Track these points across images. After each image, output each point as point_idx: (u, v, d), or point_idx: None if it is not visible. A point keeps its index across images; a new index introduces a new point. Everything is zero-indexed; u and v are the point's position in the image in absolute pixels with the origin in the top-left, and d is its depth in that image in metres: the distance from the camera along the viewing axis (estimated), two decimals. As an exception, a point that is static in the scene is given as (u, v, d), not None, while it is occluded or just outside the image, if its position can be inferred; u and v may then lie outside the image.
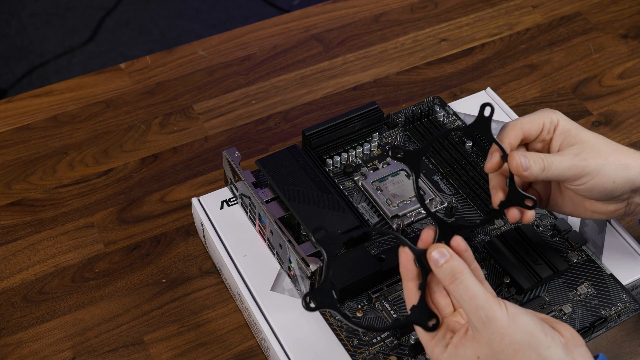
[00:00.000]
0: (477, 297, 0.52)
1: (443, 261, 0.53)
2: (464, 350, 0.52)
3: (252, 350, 0.69)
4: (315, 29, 0.99)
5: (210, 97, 0.91)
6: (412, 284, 0.55)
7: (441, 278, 0.54)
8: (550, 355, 0.51)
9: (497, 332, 0.51)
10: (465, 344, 0.53)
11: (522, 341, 0.51)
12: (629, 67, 0.95)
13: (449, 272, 0.53)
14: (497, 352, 0.51)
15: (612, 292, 0.66)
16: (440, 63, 0.95)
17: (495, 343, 0.51)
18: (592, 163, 0.59)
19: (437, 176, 0.74)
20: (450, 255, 0.54)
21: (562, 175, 0.59)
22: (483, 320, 0.51)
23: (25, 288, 0.73)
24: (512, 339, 0.51)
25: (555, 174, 0.59)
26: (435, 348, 0.54)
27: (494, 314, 0.51)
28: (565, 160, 0.59)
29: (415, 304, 0.55)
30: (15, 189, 0.81)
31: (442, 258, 0.54)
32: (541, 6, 1.02)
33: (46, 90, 0.91)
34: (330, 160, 0.74)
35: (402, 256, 0.55)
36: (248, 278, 0.67)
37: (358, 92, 0.92)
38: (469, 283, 0.52)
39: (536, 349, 0.51)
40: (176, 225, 0.78)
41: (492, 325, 0.51)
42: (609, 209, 0.62)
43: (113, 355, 0.68)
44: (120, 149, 0.85)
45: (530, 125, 0.60)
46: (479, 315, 0.51)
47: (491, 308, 0.51)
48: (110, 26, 2.00)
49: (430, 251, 0.54)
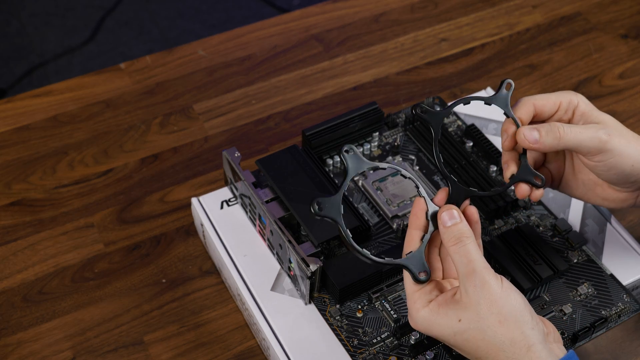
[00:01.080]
0: (475, 262, 0.52)
1: (451, 223, 0.54)
2: (447, 311, 0.53)
3: (252, 350, 0.69)
4: (315, 29, 0.99)
5: (210, 97, 0.91)
6: (416, 233, 0.56)
7: (446, 239, 0.54)
8: (532, 335, 0.51)
9: (487, 298, 0.51)
10: (449, 305, 0.53)
11: (509, 315, 0.51)
12: (629, 67, 0.95)
13: (455, 234, 0.53)
14: (482, 317, 0.51)
15: (612, 292, 0.66)
16: (440, 63, 0.95)
17: (483, 309, 0.51)
18: (616, 140, 0.58)
19: (437, 176, 0.74)
20: (460, 219, 0.54)
21: (583, 145, 0.57)
22: (476, 284, 0.51)
23: (25, 288, 0.73)
24: (500, 309, 0.51)
25: (576, 143, 0.57)
26: (418, 300, 0.54)
27: (488, 281, 0.51)
28: (588, 131, 0.58)
29: (413, 251, 0.55)
30: (15, 189, 0.81)
31: (451, 220, 0.54)
32: (541, 6, 1.02)
33: (46, 90, 0.91)
34: (330, 160, 0.74)
35: (416, 205, 0.56)
36: (248, 278, 0.67)
37: (358, 92, 0.92)
38: (471, 248, 0.53)
39: (521, 325, 0.51)
40: (176, 225, 0.78)
41: (484, 291, 0.51)
42: (619, 197, 0.62)
43: (113, 355, 0.68)
44: (120, 149, 0.85)
45: (544, 102, 0.60)
46: (473, 278, 0.51)
47: (487, 275, 0.52)
48: (110, 26, 1.99)
49: (441, 212, 0.54)
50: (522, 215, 0.71)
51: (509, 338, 0.51)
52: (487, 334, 0.51)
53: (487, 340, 0.51)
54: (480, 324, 0.51)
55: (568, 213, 0.72)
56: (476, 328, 0.51)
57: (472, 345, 0.52)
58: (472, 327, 0.51)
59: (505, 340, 0.51)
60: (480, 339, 0.51)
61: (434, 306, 0.53)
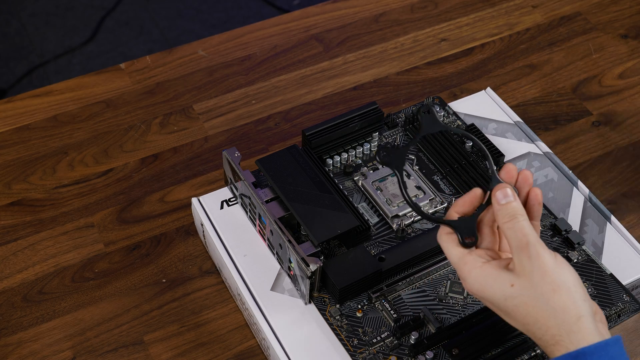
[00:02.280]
0: (529, 236, 0.53)
1: (505, 201, 0.54)
2: (500, 274, 0.53)
3: (252, 350, 0.69)
4: (315, 29, 0.99)
5: (210, 97, 0.91)
6: (470, 198, 0.57)
7: (499, 216, 0.54)
8: (583, 307, 0.51)
9: (541, 268, 0.52)
10: (504, 270, 0.53)
11: (563, 284, 0.51)
12: (629, 67, 0.95)
13: (509, 211, 0.54)
14: (535, 285, 0.52)
15: (612, 292, 0.66)
16: (440, 63, 0.95)
17: (536, 277, 0.52)
18: None
19: (437, 176, 0.74)
20: (514, 198, 0.55)
21: None
22: (530, 255, 0.52)
23: (25, 288, 0.73)
24: (553, 278, 0.52)
25: None
26: (469, 262, 0.55)
27: (542, 253, 0.52)
28: None
29: (465, 214, 0.56)
30: (15, 189, 0.81)
31: (505, 198, 0.54)
32: (541, 6, 1.02)
33: (46, 90, 0.91)
34: (330, 160, 0.74)
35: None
36: (248, 278, 0.67)
37: (358, 92, 0.92)
38: (524, 224, 0.53)
39: (573, 295, 0.51)
40: (176, 225, 0.78)
41: (539, 261, 0.52)
42: None
43: (113, 355, 0.68)
44: (120, 149, 0.85)
45: None
46: (527, 250, 0.52)
47: (542, 248, 0.52)
48: (110, 26, 1.99)
49: (496, 190, 0.55)
50: (522, 215, 0.71)
51: (561, 305, 0.51)
52: (540, 301, 0.51)
53: (538, 306, 0.51)
54: (533, 291, 0.52)
55: (568, 213, 0.72)
56: (528, 295, 0.52)
57: (522, 311, 0.52)
58: (525, 294, 0.52)
59: (557, 307, 0.51)
60: (532, 305, 0.52)
61: (487, 267, 0.54)
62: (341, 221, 0.66)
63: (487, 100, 0.82)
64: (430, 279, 0.67)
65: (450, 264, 0.67)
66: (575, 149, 0.85)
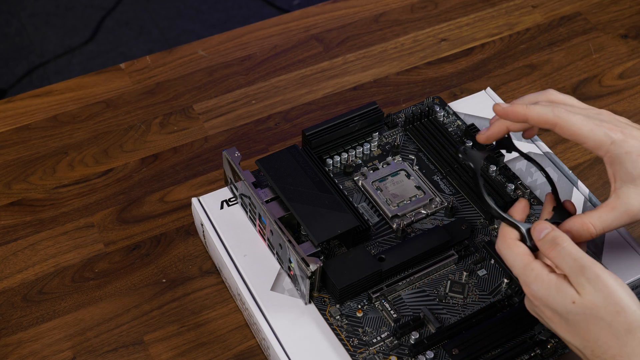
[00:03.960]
0: (581, 259, 0.52)
1: (543, 234, 0.55)
2: (564, 288, 0.53)
3: (252, 350, 0.69)
4: (315, 29, 0.99)
5: (210, 97, 0.91)
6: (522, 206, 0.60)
7: (543, 249, 0.55)
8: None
9: (603, 290, 0.51)
10: (568, 285, 0.53)
11: (627, 306, 0.51)
12: (629, 67, 0.95)
13: (549, 240, 0.54)
14: (598, 306, 0.51)
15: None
16: (440, 63, 0.95)
17: (599, 299, 0.51)
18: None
19: (437, 176, 0.74)
20: (552, 227, 0.55)
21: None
22: (589, 278, 0.51)
23: (25, 288, 0.73)
24: (617, 300, 0.51)
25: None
26: (537, 268, 0.54)
27: (602, 274, 0.51)
28: (612, 218, 0.58)
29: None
30: (15, 189, 0.81)
31: (543, 232, 0.55)
32: (541, 6, 1.02)
33: (46, 90, 0.91)
34: (330, 160, 0.74)
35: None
36: (248, 278, 0.67)
37: (358, 92, 0.92)
38: (571, 248, 0.53)
39: (637, 317, 0.51)
40: (176, 225, 0.78)
41: (599, 283, 0.51)
42: None
43: (113, 355, 0.68)
44: (120, 149, 0.85)
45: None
46: (584, 273, 0.52)
47: (599, 269, 0.52)
48: (110, 26, 2.00)
49: (532, 231, 0.56)
50: (522, 215, 0.71)
51: (625, 327, 0.51)
52: (603, 321, 0.51)
53: (601, 326, 0.51)
54: (596, 311, 0.51)
55: (568, 213, 0.72)
56: (591, 314, 0.51)
57: (583, 327, 0.52)
58: (587, 313, 0.51)
59: (620, 329, 0.51)
60: (594, 324, 0.51)
61: (552, 277, 0.53)
62: (341, 221, 0.66)
63: (487, 100, 0.82)
64: (430, 279, 0.67)
65: (448, 265, 0.67)
66: (575, 149, 0.85)
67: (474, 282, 0.66)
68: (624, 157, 0.57)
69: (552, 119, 0.59)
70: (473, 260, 0.68)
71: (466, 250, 0.68)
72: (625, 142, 0.58)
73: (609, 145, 0.58)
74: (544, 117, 0.59)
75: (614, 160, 0.58)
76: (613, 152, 0.58)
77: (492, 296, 0.66)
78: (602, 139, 0.58)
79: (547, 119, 0.59)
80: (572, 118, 0.58)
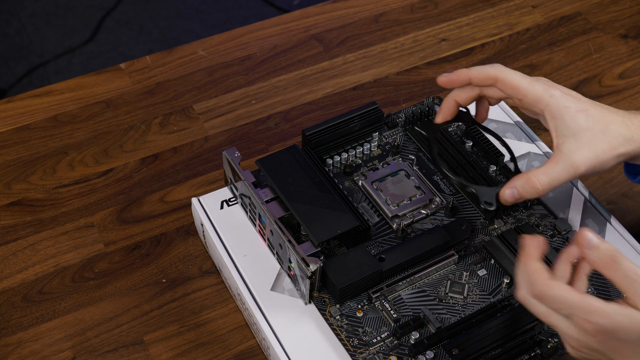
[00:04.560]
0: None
1: (595, 244, 0.51)
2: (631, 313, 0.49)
3: (252, 350, 0.69)
4: (315, 29, 0.99)
5: (210, 97, 0.91)
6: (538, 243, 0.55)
7: (598, 264, 0.51)
8: None
9: None
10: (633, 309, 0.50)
11: None
12: (629, 67, 0.95)
13: (606, 254, 0.51)
14: None
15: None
16: (440, 63, 0.95)
17: None
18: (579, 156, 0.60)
19: (437, 176, 0.74)
20: (600, 238, 0.52)
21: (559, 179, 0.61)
22: None
23: (25, 288, 0.73)
24: None
25: (552, 184, 0.61)
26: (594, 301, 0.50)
27: None
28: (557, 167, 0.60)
29: None
30: (15, 189, 0.81)
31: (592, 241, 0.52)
32: (541, 6, 1.02)
33: (46, 90, 0.91)
34: (330, 160, 0.74)
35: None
36: (248, 278, 0.67)
37: (358, 92, 0.92)
38: (629, 264, 0.50)
39: None
40: (176, 225, 0.78)
41: None
42: None
43: (113, 355, 0.68)
44: (120, 149, 0.85)
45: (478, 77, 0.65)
46: None
47: None
48: (110, 26, 2.00)
49: (578, 238, 0.52)
50: (522, 215, 0.71)
51: None
52: None
53: None
54: None
55: (568, 213, 0.72)
56: None
57: None
58: None
59: None
60: None
61: (613, 305, 0.50)
62: (341, 221, 0.66)
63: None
64: (430, 279, 0.67)
65: (448, 265, 0.67)
66: (575, 149, 0.85)
67: (474, 282, 0.66)
68: (563, 111, 0.61)
69: (493, 73, 0.63)
70: (473, 260, 0.68)
71: (466, 250, 0.68)
72: (563, 97, 0.61)
73: (549, 99, 0.61)
74: (485, 72, 0.63)
75: (554, 114, 0.61)
76: (553, 105, 0.61)
77: (492, 296, 0.66)
78: (541, 92, 0.62)
79: (487, 74, 0.63)
80: (512, 73, 0.63)
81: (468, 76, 0.64)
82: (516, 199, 0.62)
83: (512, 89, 0.63)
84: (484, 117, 0.68)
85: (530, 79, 0.63)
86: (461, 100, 0.66)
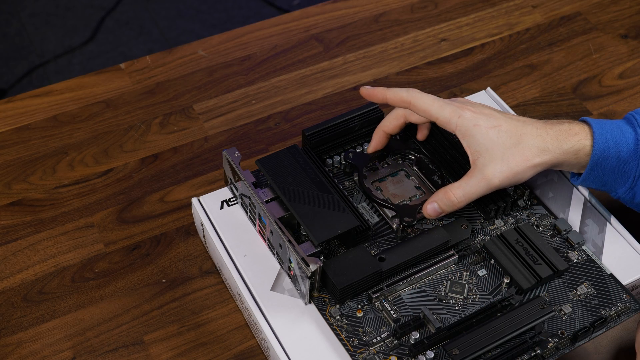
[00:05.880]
0: None
1: None
2: None
3: (252, 350, 0.69)
4: (315, 29, 0.99)
5: (210, 97, 0.91)
6: None
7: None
8: None
9: None
10: None
11: None
12: (629, 67, 0.95)
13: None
14: None
15: (612, 292, 0.66)
16: (440, 63, 0.95)
17: None
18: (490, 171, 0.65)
19: (437, 176, 0.74)
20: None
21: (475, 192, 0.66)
22: None
23: (25, 288, 0.73)
24: None
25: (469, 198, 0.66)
26: None
27: None
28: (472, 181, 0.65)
29: None
30: (15, 189, 0.81)
31: None
32: (541, 6, 1.02)
33: (46, 90, 0.91)
34: (330, 160, 0.74)
35: None
36: (248, 278, 0.67)
37: (358, 92, 0.92)
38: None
39: None
40: (176, 225, 0.78)
41: None
42: None
43: (113, 355, 0.68)
44: (120, 149, 0.85)
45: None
46: None
47: None
48: (110, 26, 2.00)
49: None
50: (522, 215, 0.71)
51: None
52: None
53: None
54: None
55: (568, 213, 0.72)
56: None
57: None
58: None
59: None
60: None
61: None
62: (341, 221, 0.66)
63: (487, 100, 0.82)
64: (430, 279, 0.67)
65: (448, 265, 0.67)
66: (575, 149, 0.85)
67: (474, 282, 0.66)
68: (473, 129, 0.65)
69: (407, 97, 0.68)
70: (473, 260, 0.68)
71: (466, 250, 0.68)
72: (474, 116, 0.66)
73: (457, 120, 0.66)
74: (399, 95, 0.69)
75: (464, 133, 0.66)
76: (461, 125, 0.66)
77: (492, 296, 0.66)
78: (449, 114, 0.66)
79: (402, 98, 0.69)
80: (424, 97, 0.68)
81: (385, 96, 0.70)
82: (438, 213, 0.67)
83: (423, 113, 0.68)
84: (424, 134, 0.74)
85: (442, 102, 0.67)
86: (389, 130, 0.72)
